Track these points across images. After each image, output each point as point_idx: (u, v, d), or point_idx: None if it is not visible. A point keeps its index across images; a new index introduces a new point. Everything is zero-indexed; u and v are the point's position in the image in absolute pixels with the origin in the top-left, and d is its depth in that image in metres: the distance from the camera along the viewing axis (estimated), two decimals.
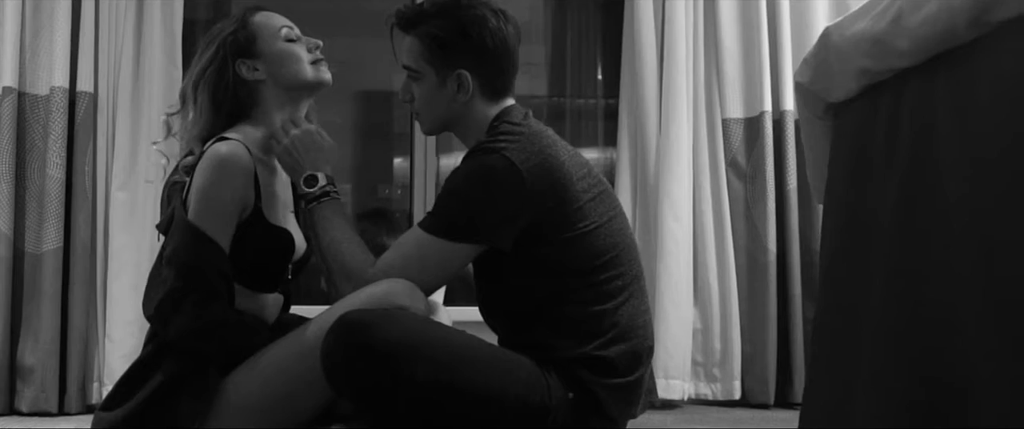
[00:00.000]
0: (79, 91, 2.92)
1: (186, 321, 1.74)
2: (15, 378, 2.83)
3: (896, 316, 1.21)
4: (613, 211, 1.84)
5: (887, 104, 1.30)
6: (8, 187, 2.84)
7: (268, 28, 1.92)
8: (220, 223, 1.77)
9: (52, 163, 2.86)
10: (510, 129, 1.78)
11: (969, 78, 1.12)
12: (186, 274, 1.75)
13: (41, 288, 2.82)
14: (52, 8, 2.91)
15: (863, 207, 1.33)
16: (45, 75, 2.89)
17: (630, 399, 1.82)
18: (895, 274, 1.23)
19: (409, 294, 1.79)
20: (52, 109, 2.87)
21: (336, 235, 1.79)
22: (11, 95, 2.86)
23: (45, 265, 2.82)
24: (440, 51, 1.80)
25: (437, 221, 1.74)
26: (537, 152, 1.73)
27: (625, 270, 1.82)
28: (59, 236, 2.86)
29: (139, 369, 1.83)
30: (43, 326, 2.80)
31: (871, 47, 1.27)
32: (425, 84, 1.84)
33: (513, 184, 1.70)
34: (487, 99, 1.84)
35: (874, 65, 1.30)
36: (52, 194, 2.85)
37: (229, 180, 1.77)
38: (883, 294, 1.25)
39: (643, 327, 1.83)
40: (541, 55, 4.45)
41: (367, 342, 1.62)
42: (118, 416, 1.79)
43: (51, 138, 2.86)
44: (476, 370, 1.70)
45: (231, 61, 1.87)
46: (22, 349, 2.83)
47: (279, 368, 1.77)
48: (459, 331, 1.88)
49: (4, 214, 2.83)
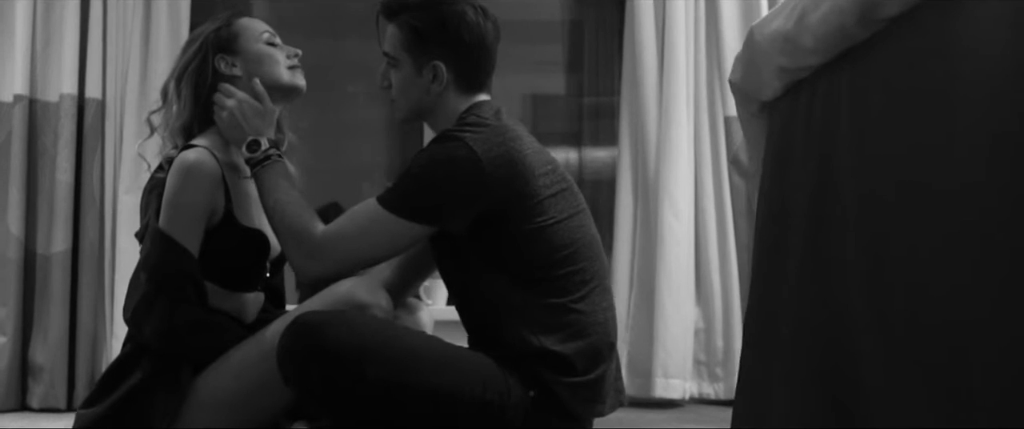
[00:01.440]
0: (88, 98, 3.01)
1: (157, 324, 1.80)
2: (26, 375, 2.93)
3: (805, 311, 1.22)
4: (575, 209, 1.86)
5: (804, 103, 1.31)
6: (19, 191, 2.94)
7: (250, 30, 1.99)
8: (188, 229, 1.83)
9: (61, 167, 2.95)
10: (477, 120, 1.82)
11: (864, 76, 1.12)
12: (157, 279, 1.81)
13: (50, 288, 2.91)
14: (61, 17, 3.00)
15: (783, 205, 1.34)
16: (55, 82, 2.99)
17: (593, 397, 1.84)
18: (803, 270, 1.23)
19: (371, 292, 1.84)
20: (61, 115, 2.97)
21: (280, 197, 1.82)
22: (22, 102, 2.96)
23: (54, 266, 2.92)
24: (418, 41, 1.85)
25: (394, 198, 1.77)
26: (499, 144, 1.77)
27: (586, 266, 1.84)
28: (68, 238, 2.95)
29: (118, 368, 1.90)
30: (52, 325, 2.90)
31: (784, 45, 1.28)
32: (402, 72, 1.89)
33: (471, 171, 1.74)
34: (460, 92, 1.88)
35: (789, 63, 1.30)
36: (61, 197, 2.94)
37: (195, 187, 1.82)
38: (794, 289, 1.25)
39: (603, 324, 1.85)
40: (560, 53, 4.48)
41: (318, 343, 1.66)
42: (97, 413, 1.86)
43: (60, 143, 2.96)
44: (429, 369, 1.73)
45: (211, 56, 1.94)
46: (33, 347, 2.93)
47: (244, 367, 1.82)
48: (416, 331, 1.92)
49: (16, 217, 2.93)
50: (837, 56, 1.21)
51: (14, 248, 2.91)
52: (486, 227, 1.78)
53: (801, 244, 1.25)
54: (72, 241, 2.97)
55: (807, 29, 1.21)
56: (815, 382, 1.17)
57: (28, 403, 2.93)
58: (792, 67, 1.30)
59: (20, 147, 2.95)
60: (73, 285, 2.96)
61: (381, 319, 1.79)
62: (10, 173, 2.93)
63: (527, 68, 4.15)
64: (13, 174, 2.93)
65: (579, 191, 1.93)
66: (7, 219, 2.92)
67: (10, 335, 2.89)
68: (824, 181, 1.20)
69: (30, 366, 2.93)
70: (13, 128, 2.94)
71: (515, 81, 4.31)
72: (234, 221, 1.90)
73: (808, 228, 1.23)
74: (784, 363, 1.25)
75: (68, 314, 2.94)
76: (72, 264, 2.96)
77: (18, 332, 2.92)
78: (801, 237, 1.25)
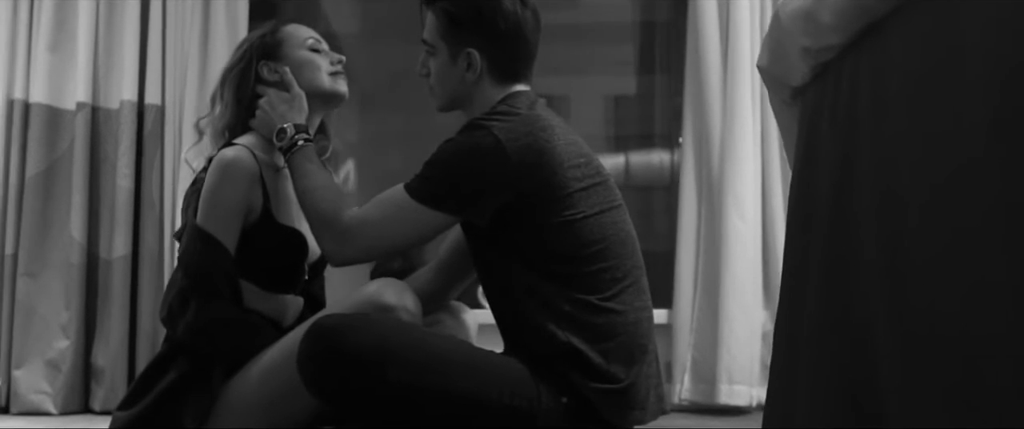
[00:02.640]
0: (147, 104, 3.06)
1: (191, 320, 1.80)
2: (90, 378, 2.99)
3: (825, 311, 1.12)
4: (608, 204, 1.80)
5: (830, 88, 1.20)
6: (82, 197, 2.99)
7: (295, 37, 2.01)
8: (225, 225, 1.83)
9: (122, 173, 3.00)
10: (507, 110, 1.78)
11: (883, 57, 1.02)
12: (192, 274, 1.81)
13: (112, 292, 2.96)
14: (121, 25, 3.06)
15: (809, 199, 1.24)
16: (116, 89, 3.05)
17: (628, 403, 1.76)
18: (824, 269, 1.13)
19: (398, 294, 1.80)
20: (122, 122, 3.02)
21: (307, 183, 1.81)
22: (84, 110, 3.02)
23: (115, 271, 2.97)
24: (453, 28, 1.83)
25: (419, 185, 1.74)
26: (527, 133, 1.72)
27: (617, 264, 1.77)
28: (128, 243, 3.00)
29: (153, 369, 1.91)
30: (113, 328, 2.95)
31: (805, 23, 1.19)
32: (439, 59, 1.86)
33: (497, 160, 1.69)
34: (496, 81, 1.84)
35: (811, 43, 1.20)
36: (122, 203, 2.99)
37: (232, 183, 1.83)
38: (816, 288, 1.16)
39: (635, 324, 1.78)
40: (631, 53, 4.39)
41: (338, 347, 1.63)
42: (131, 415, 1.86)
43: (121, 149, 3.01)
44: (453, 374, 1.69)
45: (255, 61, 1.97)
46: (95, 351, 2.98)
47: (272, 370, 1.80)
48: (443, 335, 1.87)
49: (78, 223, 2.98)
50: (859, 34, 1.11)
51: (77, 253, 2.97)
52: (512, 218, 1.73)
53: (823, 243, 1.15)
54: (132, 246, 3.01)
55: (825, 4, 1.11)
56: (835, 382, 1.08)
57: (91, 405, 2.98)
58: (815, 47, 1.20)
59: (82, 154, 3.01)
60: (133, 289, 3.00)
61: (405, 322, 1.75)
62: (73, 180, 2.99)
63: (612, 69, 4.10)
64: (76, 181, 2.99)
65: (615, 187, 1.86)
66: (70, 225, 2.98)
67: (73, 338, 2.95)
68: (846, 175, 1.11)
69: (93, 369, 2.98)
70: (76, 135, 3.01)
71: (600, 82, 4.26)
72: (272, 220, 1.89)
73: (830, 224, 1.13)
74: (808, 363, 1.16)
75: (128, 317, 2.98)
76: (132, 268, 3.01)
77: (81, 335, 2.97)
78: (823, 235, 1.15)
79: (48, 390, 2.93)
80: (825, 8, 1.12)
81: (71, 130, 3.01)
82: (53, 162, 3.03)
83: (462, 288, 2.14)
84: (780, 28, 1.30)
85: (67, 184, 2.99)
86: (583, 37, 4.24)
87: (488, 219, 1.74)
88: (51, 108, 3.03)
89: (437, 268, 2.08)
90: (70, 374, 2.94)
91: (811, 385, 1.14)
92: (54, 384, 2.93)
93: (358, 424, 1.73)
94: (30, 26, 3.08)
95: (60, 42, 3.05)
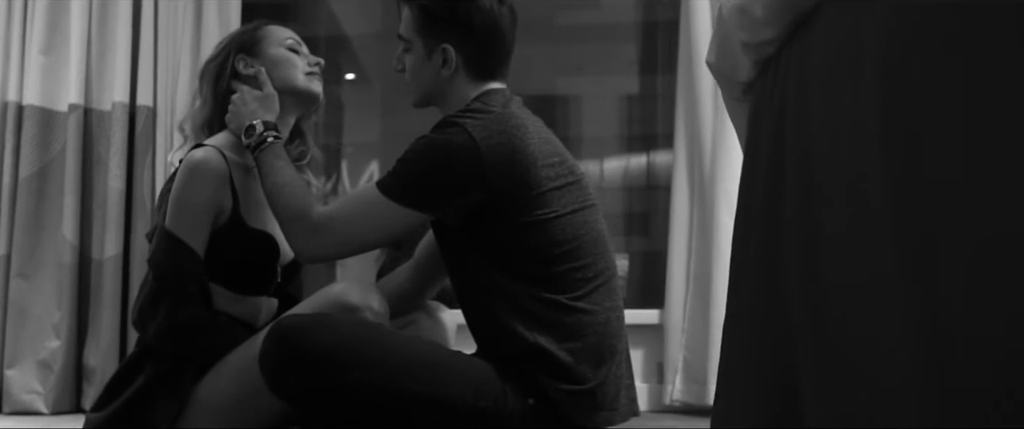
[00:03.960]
0: (139, 106, 3.08)
1: (161, 322, 1.80)
2: (81, 378, 3.01)
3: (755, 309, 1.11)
4: (581, 204, 1.78)
5: (769, 84, 1.19)
6: (74, 198, 3.02)
7: (274, 34, 2.01)
8: (193, 228, 1.83)
9: (113, 174, 3.02)
10: (480, 107, 1.76)
11: (806, 53, 1.01)
12: (161, 277, 1.81)
13: (103, 293, 2.98)
14: (114, 27, 3.08)
15: (750, 198, 1.22)
16: (108, 91, 3.08)
17: (596, 404, 1.75)
18: (756, 268, 1.12)
19: (362, 294, 1.80)
20: (114, 123, 3.04)
21: (276, 180, 1.79)
22: (77, 111, 3.05)
23: (106, 271, 2.99)
24: (429, 23, 1.82)
25: (390, 183, 1.73)
26: (500, 132, 1.71)
27: (589, 263, 1.76)
28: (119, 243, 3.02)
29: (126, 371, 1.92)
30: (104, 329, 2.97)
31: (740, 17, 1.17)
32: (414, 55, 1.85)
33: (468, 158, 1.68)
34: (471, 78, 1.83)
35: (749, 37, 1.19)
36: (113, 204, 3.01)
37: (200, 185, 1.82)
38: (749, 286, 1.14)
39: (605, 325, 1.76)
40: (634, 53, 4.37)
41: (298, 347, 1.63)
42: (103, 417, 1.87)
43: (112, 150, 3.03)
44: (416, 375, 1.68)
45: (233, 56, 1.96)
46: (87, 350, 3.00)
47: (241, 370, 1.80)
48: (407, 335, 1.86)
49: (70, 223, 3.01)
50: (791, 28, 1.10)
51: (69, 254, 2.99)
52: (484, 217, 1.72)
53: (757, 240, 1.13)
54: (124, 246, 3.03)
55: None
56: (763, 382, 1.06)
57: (82, 405, 3.00)
58: (752, 42, 1.18)
59: (75, 156, 3.03)
60: (124, 289, 3.02)
61: (369, 322, 1.74)
62: (65, 181, 3.01)
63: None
64: (68, 182, 3.01)
65: (589, 185, 1.85)
66: (63, 226, 3.00)
67: (65, 338, 2.97)
68: (777, 171, 1.09)
69: (84, 369, 3.00)
70: (68, 137, 3.03)
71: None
72: (242, 222, 1.88)
73: (764, 222, 1.12)
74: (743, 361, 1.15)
75: (119, 318, 3.00)
76: (124, 269, 3.03)
77: (73, 335, 3.00)
78: (758, 233, 1.14)
79: (40, 390, 2.95)
80: (757, 2, 1.10)
81: (64, 132, 3.04)
82: (46, 163, 3.05)
83: (439, 287, 2.13)
84: (723, 23, 1.29)
85: (59, 185, 3.02)
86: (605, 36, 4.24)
87: (459, 217, 1.73)
88: (44, 110, 3.06)
89: (414, 267, 2.07)
90: (62, 374, 2.96)
91: (744, 384, 1.13)
92: (46, 384, 2.95)
93: (321, 424, 1.73)
94: (24, 29, 3.11)
95: (53, 45, 3.08)
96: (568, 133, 4.32)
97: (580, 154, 4.34)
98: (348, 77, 5.18)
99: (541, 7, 4.21)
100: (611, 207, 4.22)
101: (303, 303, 1.84)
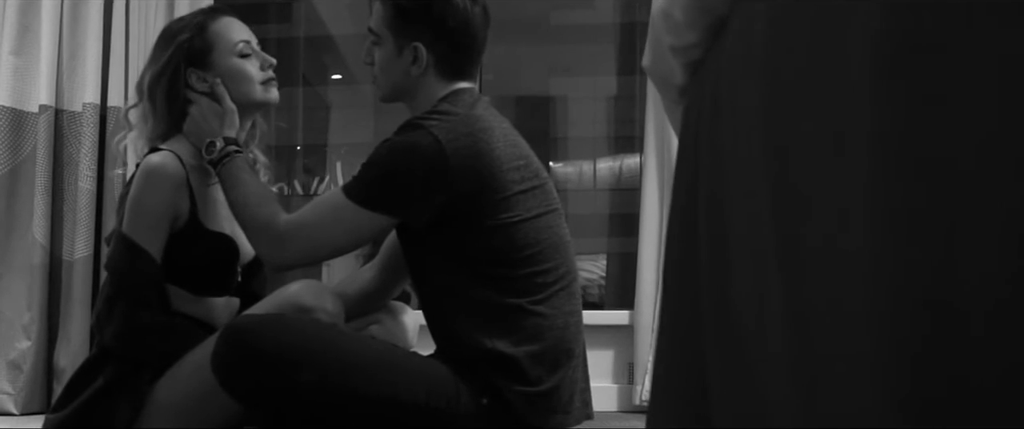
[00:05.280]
0: (110, 106, 3.09)
1: (118, 326, 1.81)
2: (51, 378, 3.01)
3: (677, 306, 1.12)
4: (544, 208, 1.78)
5: (693, 88, 1.20)
6: (44, 199, 3.02)
7: (225, 41, 1.95)
8: (150, 232, 1.83)
9: (83, 175, 3.02)
10: (447, 109, 1.76)
11: (719, 57, 1.01)
12: (117, 281, 1.82)
13: (73, 294, 2.99)
14: (85, 29, 3.09)
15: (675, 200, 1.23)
16: (79, 93, 3.08)
17: (550, 407, 1.76)
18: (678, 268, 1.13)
19: (316, 295, 1.80)
20: (84, 124, 3.05)
21: (240, 191, 1.79)
22: (47, 112, 3.05)
23: (77, 272, 3.00)
24: (401, 20, 1.81)
25: (356, 186, 1.73)
26: (466, 134, 1.71)
27: (550, 268, 1.76)
28: (89, 244, 3.02)
29: (84, 373, 1.92)
30: (74, 329, 2.97)
31: (664, 21, 1.17)
32: (384, 50, 1.85)
33: (433, 160, 1.68)
34: (441, 77, 1.82)
35: (674, 41, 1.19)
36: (83, 205, 3.02)
37: (157, 190, 1.82)
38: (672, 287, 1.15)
39: (563, 329, 1.77)
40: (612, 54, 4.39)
41: (249, 347, 1.64)
42: (61, 418, 1.87)
43: (83, 151, 3.03)
44: (369, 375, 1.68)
45: (184, 69, 1.92)
46: (57, 351, 3.01)
47: (197, 371, 1.81)
48: (361, 336, 1.87)
49: (41, 224, 3.01)
50: (712, 31, 1.10)
51: (39, 255, 3.00)
52: (448, 220, 1.72)
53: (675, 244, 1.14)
54: (94, 247, 3.04)
55: (675, 1, 1.10)
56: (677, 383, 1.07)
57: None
58: (678, 45, 1.19)
59: (45, 157, 3.03)
60: (94, 290, 3.02)
61: (322, 323, 1.75)
62: (36, 182, 3.01)
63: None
64: (39, 183, 3.02)
65: (553, 189, 1.85)
66: (33, 227, 3.01)
67: (35, 339, 2.98)
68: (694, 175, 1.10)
69: (55, 369, 3.00)
70: (38, 138, 3.03)
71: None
72: (199, 225, 1.89)
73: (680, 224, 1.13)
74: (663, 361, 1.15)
75: (89, 318, 2.99)
76: (94, 270, 3.03)
77: (43, 336, 3.00)
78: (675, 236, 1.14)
79: (10, 390, 2.95)
80: (675, 5, 1.11)
81: (34, 133, 3.04)
82: (16, 164, 3.06)
83: (402, 288, 2.14)
84: (652, 26, 1.30)
85: (30, 186, 3.02)
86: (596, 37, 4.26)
87: (425, 221, 1.73)
88: (14, 111, 3.06)
89: (378, 267, 2.08)
90: (32, 374, 2.96)
91: (666, 385, 1.14)
92: (16, 384, 2.96)
93: (274, 424, 1.74)
94: None
95: (23, 46, 3.08)
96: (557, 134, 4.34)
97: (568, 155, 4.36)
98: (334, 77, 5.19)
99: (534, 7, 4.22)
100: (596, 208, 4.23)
101: (258, 304, 1.84)
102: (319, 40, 4.79)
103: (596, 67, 4.33)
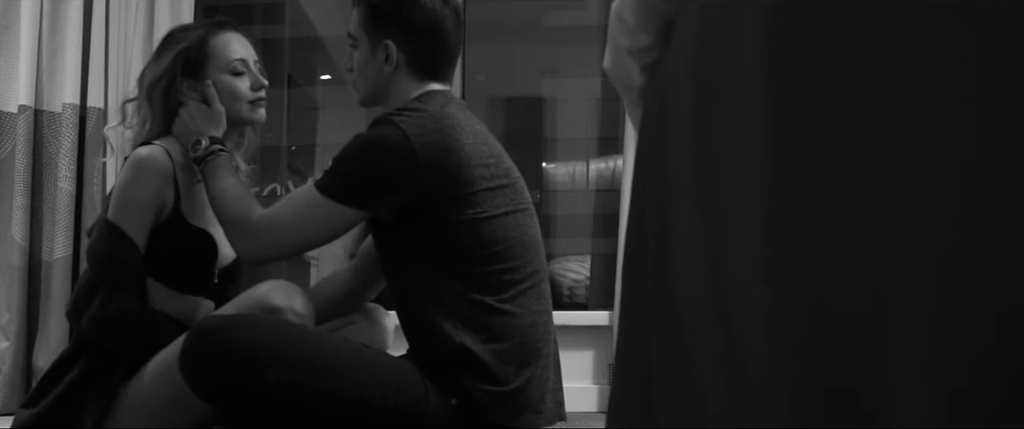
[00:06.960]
0: (90, 107, 3.08)
1: (94, 311, 1.82)
2: (30, 379, 3.01)
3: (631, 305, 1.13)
4: (514, 206, 1.80)
5: (651, 90, 1.20)
6: (23, 199, 3.02)
7: (221, 57, 1.99)
8: (135, 221, 1.86)
9: (63, 176, 3.02)
10: (417, 107, 1.78)
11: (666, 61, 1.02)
12: (98, 266, 1.84)
13: (52, 294, 2.99)
14: (65, 29, 3.08)
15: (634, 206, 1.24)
16: (58, 93, 3.07)
17: (519, 406, 1.76)
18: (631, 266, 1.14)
19: (286, 295, 1.81)
20: (64, 124, 3.04)
21: (219, 185, 1.82)
22: (27, 112, 3.04)
23: (56, 272, 2.99)
24: (373, 20, 1.84)
25: (326, 180, 1.75)
26: (435, 130, 1.72)
27: (518, 266, 1.77)
28: (69, 245, 3.02)
29: (57, 368, 1.93)
30: (53, 329, 2.97)
31: (619, 23, 1.18)
32: (360, 52, 1.88)
33: (401, 154, 1.70)
34: (412, 76, 1.85)
35: (630, 43, 1.19)
36: (62, 205, 3.02)
37: (145, 180, 1.86)
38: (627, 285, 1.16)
39: (531, 327, 1.77)
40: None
41: (216, 346, 1.64)
42: (32, 414, 1.88)
43: (62, 152, 3.03)
44: (336, 375, 1.69)
45: (180, 77, 1.96)
46: (36, 352, 3.00)
47: (168, 369, 1.81)
48: (330, 337, 1.87)
49: (20, 225, 3.01)
50: (666, 32, 1.11)
51: (18, 255, 2.99)
52: (416, 214, 1.74)
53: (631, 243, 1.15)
54: (73, 247, 3.03)
55: (627, 4, 1.11)
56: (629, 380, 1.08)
57: None
58: (634, 48, 1.19)
59: (24, 157, 3.03)
60: (73, 290, 3.01)
61: (289, 323, 1.76)
62: (15, 182, 3.01)
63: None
64: (18, 183, 3.01)
65: (525, 189, 1.86)
66: (12, 227, 3.00)
67: (13, 339, 2.97)
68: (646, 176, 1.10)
69: (33, 369, 3.00)
70: (18, 138, 3.03)
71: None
72: (182, 220, 1.91)
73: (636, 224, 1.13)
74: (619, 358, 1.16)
75: None
76: (73, 270, 3.03)
77: (22, 336, 3.00)
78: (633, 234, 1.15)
79: None
80: (627, 9, 1.11)
81: (13, 133, 3.03)
82: None
83: (379, 289, 2.15)
84: (610, 29, 1.30)
85: (9, 186, 3.01)
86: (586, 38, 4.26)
87: (394, 214, 1.74)
88: None
89: (354, 269, 2.09)
90: (11, 374, 2.96)
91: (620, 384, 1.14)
92: None
93: (242, 424, 1.74)
94: None
95: (3, 45, 3.07)
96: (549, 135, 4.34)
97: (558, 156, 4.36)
98: (323, 78, 5.19)
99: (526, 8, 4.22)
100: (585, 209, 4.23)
101: (228, 304, 1.85)
102: (307, 40, 4.79)
103: (588, 69, 4.33)
